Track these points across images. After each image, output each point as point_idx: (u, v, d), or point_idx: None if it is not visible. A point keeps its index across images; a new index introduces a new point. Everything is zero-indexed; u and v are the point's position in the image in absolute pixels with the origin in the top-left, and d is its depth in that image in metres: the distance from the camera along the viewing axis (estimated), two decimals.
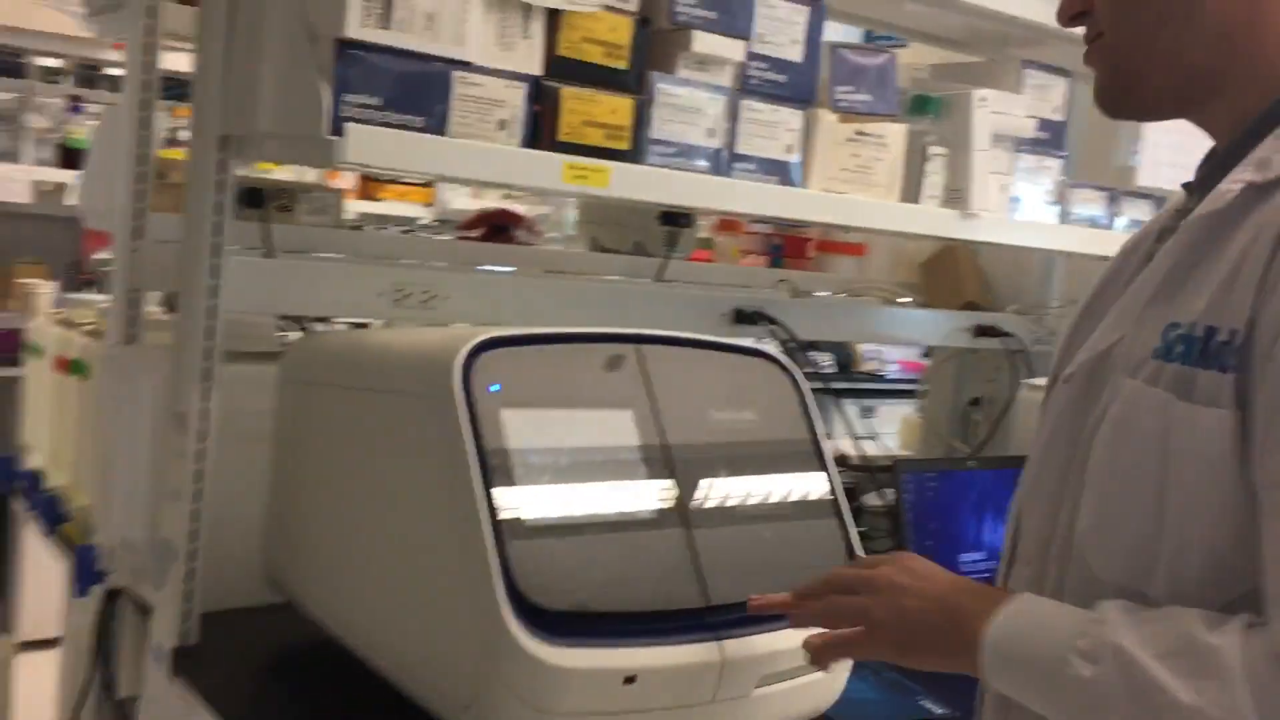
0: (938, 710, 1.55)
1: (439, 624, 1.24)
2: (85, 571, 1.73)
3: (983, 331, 2.38)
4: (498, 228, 2.70)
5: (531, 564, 1.17)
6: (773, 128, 1.61)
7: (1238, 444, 0.85)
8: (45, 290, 4.15)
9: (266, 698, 1.47)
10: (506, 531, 1.17)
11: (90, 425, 1.91)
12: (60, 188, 5.17)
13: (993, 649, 0.93)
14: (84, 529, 1.88)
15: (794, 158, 1.64)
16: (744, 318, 2.01)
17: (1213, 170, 1.00)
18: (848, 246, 2.71)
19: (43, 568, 2.98)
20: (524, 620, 1.14)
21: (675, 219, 2.38)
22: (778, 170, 1.63)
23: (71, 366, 2.04)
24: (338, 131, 1.24)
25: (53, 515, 2.03)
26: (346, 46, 1.25)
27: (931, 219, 1.76)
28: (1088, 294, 1.11)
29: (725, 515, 1.34)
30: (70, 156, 5.32)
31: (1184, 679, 0.83)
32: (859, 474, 2.47)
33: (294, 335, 1.87)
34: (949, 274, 2.59)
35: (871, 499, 2.35)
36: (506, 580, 1.15)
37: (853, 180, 1.69)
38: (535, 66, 1.40)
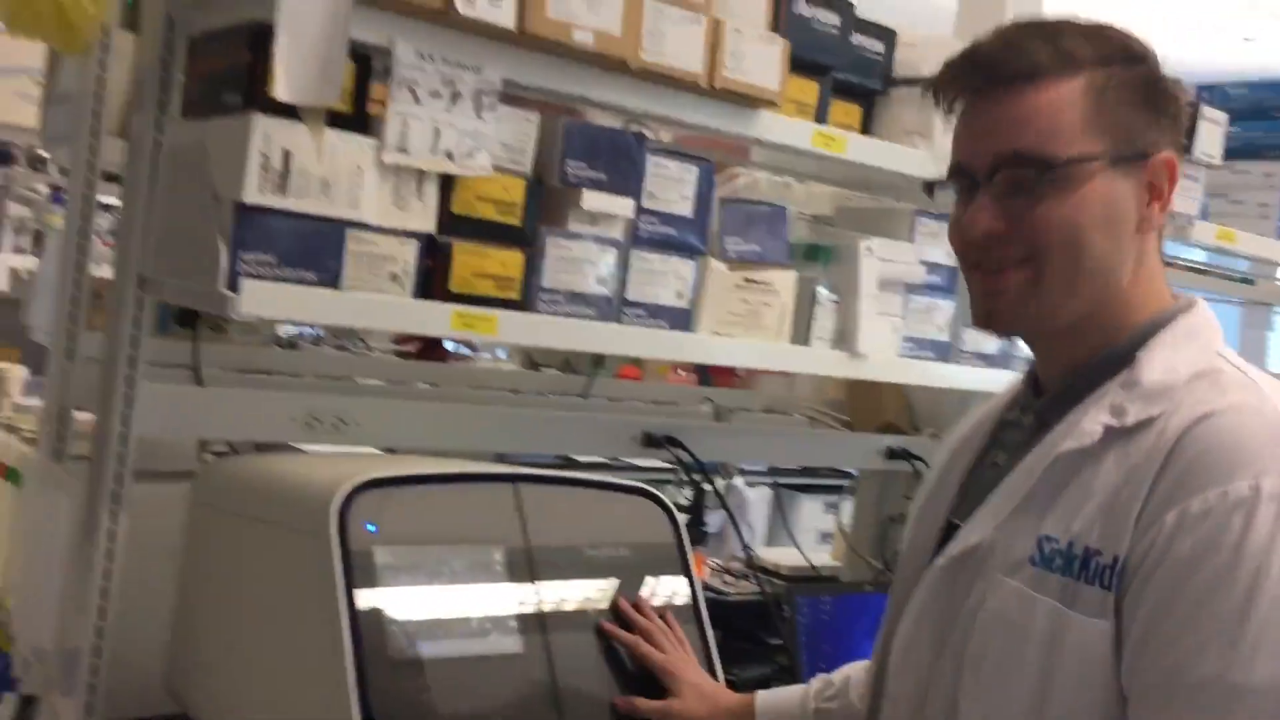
0: None
1: None
2: (1, 678, 1.80)
3: (895, 454, 2.47)
4: (431, 341, 2.80)
5: (392, 701, 1.25)
6: (663, 276, 1.72)
7: (1112, 649, 1.02)
8: (16, 375, 4.24)
9: None
10: (370, 667, 1.26)
11: (18, 533, 1.99)
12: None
13: None
14: (7, 634, 1.95)
15: (684, 303, 1.74)
16: (653, 441, 2.10)
17: (1058, 400, 1.14)
18: None
19: None
20: None
21: None
22: (668, 315, 1.73)
23: (8, 473, 2.12)
24: (234, 286, 1.35)
25: None
26: (245, 210, 1.36)
27: (819, 360, 1.87)
28: (932, 476, 1.27)
29: (591, 654, 1.42)
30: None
31: None
32: (781, 585, 2.57)
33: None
34: (871, 395, 2.68)
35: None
36: (365, 715, 1.23)
37: (742, 324, 1.80)
38: (429, 224, 1.51)
